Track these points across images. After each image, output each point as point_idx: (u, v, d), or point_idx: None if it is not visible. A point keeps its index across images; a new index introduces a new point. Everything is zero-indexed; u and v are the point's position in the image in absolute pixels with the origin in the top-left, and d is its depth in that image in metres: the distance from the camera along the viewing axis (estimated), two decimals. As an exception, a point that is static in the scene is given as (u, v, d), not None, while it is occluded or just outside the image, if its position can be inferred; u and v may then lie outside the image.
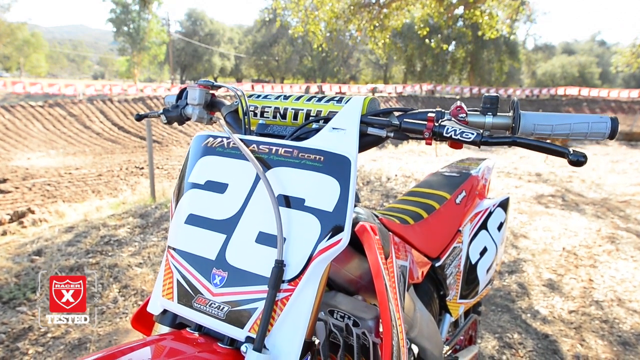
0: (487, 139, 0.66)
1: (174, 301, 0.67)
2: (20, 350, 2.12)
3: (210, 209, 0.71)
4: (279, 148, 0.70)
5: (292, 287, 0.63)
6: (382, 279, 0.69)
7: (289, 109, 0.80)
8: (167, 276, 0.70)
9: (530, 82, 42.60)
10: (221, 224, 0.69)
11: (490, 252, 1.36)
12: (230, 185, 0.71)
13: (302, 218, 0.65)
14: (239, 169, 0.71)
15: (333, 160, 0.67)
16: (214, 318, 0.64)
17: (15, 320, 2.33)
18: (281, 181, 0.68)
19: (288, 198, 0.67)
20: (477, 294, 1.35)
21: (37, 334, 2.24)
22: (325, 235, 0.64)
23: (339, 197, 0.65)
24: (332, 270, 0.81)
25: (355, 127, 0.70)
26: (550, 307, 2.72)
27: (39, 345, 2.16)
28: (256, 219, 0.67)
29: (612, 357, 2.21)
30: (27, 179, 8.97)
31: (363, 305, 0.76)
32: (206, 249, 0.68)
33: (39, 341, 2.19)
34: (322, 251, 0.63)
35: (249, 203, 0.69)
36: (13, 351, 2.12)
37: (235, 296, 0.64)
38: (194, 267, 0.68)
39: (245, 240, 0.67)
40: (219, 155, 0.74)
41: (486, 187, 1.56)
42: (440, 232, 1.17)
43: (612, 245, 3.85)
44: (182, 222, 0.72)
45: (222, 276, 0.66)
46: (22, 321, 2.33)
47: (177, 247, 0.71)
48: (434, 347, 1.08)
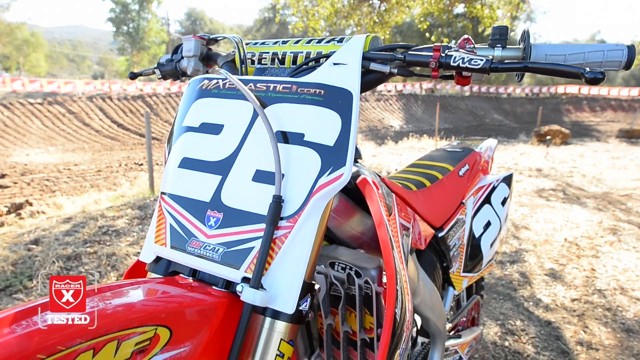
0: (497, 64, 0.62)
1: (167, 247, 0.64)
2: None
3: (205, 151, 0.68)
4: (277, 85, 0.67)
5: (291, 224, 0.60)
6: (385, 228, 0.66)
7: (287, 53, 0.77)
8: (160, 222, 0.67)
9: (530, 81, 42.57)
10: (216, 165, 0.66)
11: (494, 227, 1.33)
12: (226, 126, 0.68)
13: (302, 153, 0.62)
14: (235, 109, 0.68)
15: (334, 93, 0.64)
16: (209, 260, 0.60)
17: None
18: (279, 118, 0.65)
19: (287, 134, 0.64)
20: (480, 269, 1.32)
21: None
22: (326, 170, 0.61)
23: (340, 131, 0.62)
24: (335, 225, 0.79)
25: (357, 61, 0.66)
26: (553, 296, 2.69)
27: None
28: (253, 158, 0.64)
29: (616, 343, 2.19)
30: (25, 174, 8.93)
31: (365, 257, 0.73)
32: (200, 192, 0.65)
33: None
34: (322, 186, 0.60)
35: (246, 142, 0.66)
36: None
37: (230, 237, 0.61)
38: (188, 211, 0.65)
39: (242, 179, 0.64)
40: (214, 97, 0.71)
41: (489, 165, 1.53)
42: (443, 201, 1.14)
43: (614, 236, 3.83)
44: (176, 167, 0.69)
45: (217, 217, 0.62)
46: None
47: (170, 191, 0.68)
48: (437, 318, 1.05)
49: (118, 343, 0.44)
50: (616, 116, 24.86)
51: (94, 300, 0.47)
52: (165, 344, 0.48)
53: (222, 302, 0.56)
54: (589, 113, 26.11)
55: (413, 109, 22.98)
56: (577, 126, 19.90)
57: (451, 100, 25.57)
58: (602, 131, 18.89)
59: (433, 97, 25.04)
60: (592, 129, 19.81)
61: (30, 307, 0.45)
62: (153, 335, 0.47)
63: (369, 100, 22.52)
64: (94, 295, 0.48)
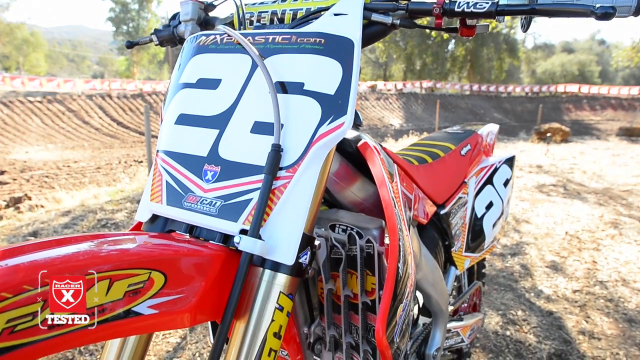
0: (504, 7, 0.60)
1: (163, 203, 0.62)
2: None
3: (202, 106, 0.66)
4: (275, 36, 0.65)
5: (290, 174, 0.58)
6: (387, 188, 0.65)
7: (287, 11, 0.75)
8: (156, 180, 0.65)
9: (530, 80, 42.57)
10: (213, 119, 0.64)
11: (496, 207, 1.32)
12: (224, 80, 0.66)
13: (301, 102, 0.60)
14: (233, 63, 0.67)
15: (335, 42, 0.62)
16: (205, 215, 0.59)
17: None
18: (279, 68, 0.63)
19: (286, 84, 0.62)
20: (483, 249, 1.30)
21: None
22: (327, 119, 0.59)
23: (341, 80, 0.60)
24: (336, 189, 0.77)
25: (359, 11, 0.65)
26: (554, 287, 2.67)
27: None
28: (251, 110, 0.63)
29: (618, 333, 2.17)
30: (25, 171, 8.92)
31: (367, 218, 0.72)
32: (197, 147, 0.63)
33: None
34: (323, 135, 0.58)
35: (244, 95, 0.64)
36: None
37: (228, 189, 0.59)
38: (184, 167, 0.63)
39: (240, 131, 0.62)
40: (211, 52, 0.69)
41: (491, 148, 1.52)
42: (444, 178, 1.13)
43: (615, 230, 3.81)
44: (172, 124, 0.67)
45: (215, 171, 0.61)
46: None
47: (165, 149, 0.66)
48: (439, 295, 1.03)
49: (110, 282, 0.43)
50: (616, 115, 24.86)
51: (87, 242, 0.46)
52: (160, 289, 0.46)
53: (219, 254, 0.54)
54: (589, 112, 26.11)
55: (413, 107, 22.97)
56: (577, 125, 19.90)
57: (451, 99, 25.57)
58: (602, 130, 18.89)
59: (433, 96, 25.02)
60: (593, 128, 19.81)
61: (20, 245, 0.43)
62: (147, 278, 0.45)
63: (368, 99, 22.51)
64: (88, 240, 0.46)
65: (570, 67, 40.31)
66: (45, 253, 0.41)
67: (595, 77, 40.91)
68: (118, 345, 0.60)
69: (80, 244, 0.45)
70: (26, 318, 0.37)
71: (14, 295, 0.36)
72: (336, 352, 0.79)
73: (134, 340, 0.60)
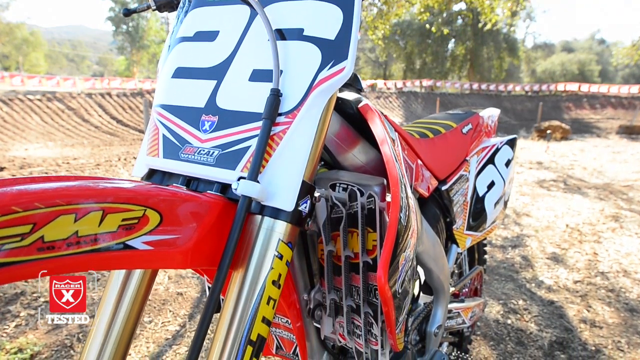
0: None
1: (160, 157, 0.61)
2: (12, 313, 2.07)
3: (199, 58, 0.65)
4: None
5: (289, 119, 0.57)
6: (388, 146, 0.63)
7: None
8: (152, 135, 0.63)
9: (530, 79, 42.53)
10: (211, 70, 0.63)
11: (497, 187, 1.31)
12: (222, 31, 0.65)
13: (301, 48, 0.59)
14: (231, 14, 0.65)
15: None
16: (203, 165, 0.57)
17: (7, 286, 2.28)
18: (278, 16, 0.62)
19: (285, 31, 0.61)
20: (484, 228, 1.29)
21: (29, 298, 2.19)
22: (327, 64, 0.58)
23: (341, 25, 0.59)
24: (337, 151, 0.76)
25: None
26: (555, 278, 2.66)
27: (30, 308, 2.11)
28: (250, 58, 0.62)
29: (619, 322, 2.16)
30: (24, 167, 8.88)
31: (368, 176, 0.70)
32: (194, 98, 0.62)
33: (30, 305, 2.14)
34: (323, 80, 0.57)
35: (242, 44, 0.63)
36: (5, 314, 2.07)
37: (226, 138, 0.58)
38: (181, 119, 0.62)
39: (238, 80, 0.61)
40: (209, 5, 0.68)
41: (492, 130, 1.51)
42: (446, 154, 1.11)
43: (616, 223, 3.80)
44: (169, 77, 0.66)
45: (212, 121, 0.59)
46: (15, 286, 2.29)
47: (162, 102, 0.65)
48: (440, 270, 1.02)
49: (103, 214, 0.41)
50: (616, 113, 24.84)
51: (82, 180, 0.44)
52: (155, 227, 0.45)
53: (217, 202, 0.53)
54: (589, 110, 26.09)
55: (413, 106, 22.94)
56: (577, 123, 19.87)
57: (451, 97, 25.53)
58: (602, 128, 18.86)
59: (433, 95, 24.99)
60: (592, 126, 19.78)
61: (12, 178, 0.42)
62: (142, 215, 0.44)
63: (368, 98, 22.48)
64: (84, 179, 0.45)
65: (570, 66, 40.28)
66: (37, 185, 0.40)
67: (595, 76, 40.87)
68: (122, 280, 0.59)
69: (75, 181, 0.44)
70: (14, 238, 0.36)
71: (2, 215, 0.35)
72: (337, 318, 0.77)
73: (138, 275, 0.58)
